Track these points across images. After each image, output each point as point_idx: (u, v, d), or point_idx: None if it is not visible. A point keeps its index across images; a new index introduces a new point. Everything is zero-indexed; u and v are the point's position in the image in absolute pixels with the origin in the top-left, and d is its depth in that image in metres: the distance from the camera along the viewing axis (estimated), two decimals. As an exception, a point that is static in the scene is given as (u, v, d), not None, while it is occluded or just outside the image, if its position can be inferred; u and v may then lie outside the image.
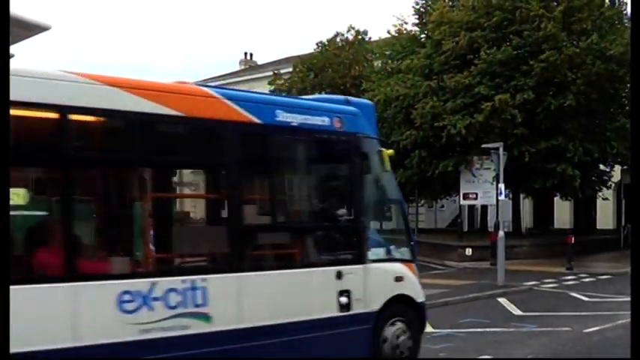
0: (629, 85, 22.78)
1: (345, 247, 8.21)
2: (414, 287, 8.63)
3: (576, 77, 22.44)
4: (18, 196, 5.76)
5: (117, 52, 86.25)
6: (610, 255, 26.03)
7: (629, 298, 10.13)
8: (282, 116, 7.44)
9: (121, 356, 5.97)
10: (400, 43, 27.93)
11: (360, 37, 36.44)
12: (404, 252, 8.75)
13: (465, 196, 24.99)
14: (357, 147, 8.13)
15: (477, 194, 24.58)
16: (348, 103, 8.61)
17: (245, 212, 7.25)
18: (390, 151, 9.10)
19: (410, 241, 8.98)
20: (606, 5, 24.95)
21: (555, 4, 23.33)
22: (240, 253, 7.03)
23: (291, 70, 36.90)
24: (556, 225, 34.16)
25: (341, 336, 7.64)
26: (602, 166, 26.90)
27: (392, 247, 8.60)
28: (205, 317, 6.56)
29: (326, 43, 36.34)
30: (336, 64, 34.82)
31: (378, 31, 76.12)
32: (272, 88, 37.83)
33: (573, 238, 22.03)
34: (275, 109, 7.44)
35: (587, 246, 26.27)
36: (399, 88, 25.30)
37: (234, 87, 53.05)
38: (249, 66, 51.32)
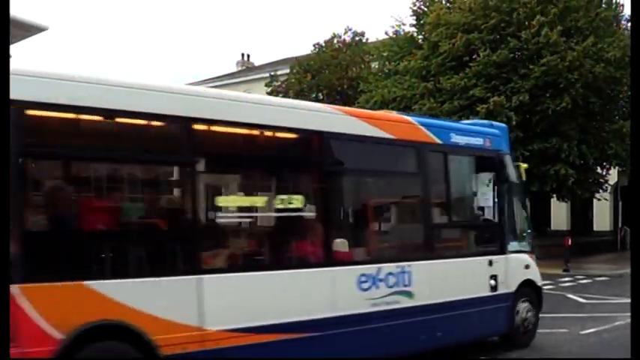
0: (627, 87, 22.88)
1: (493, 241, 10.01)
2: (536, 274, 10.54)
3: (576, 80, 22.46)
4: (297, 200, 7.55)
5: (114, 53, 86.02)
6: (607, 257, 26.11)
7: (626, 300, 10.17)
8: (454, 138, 9.40)
9: (357, 325, 7.68)
10: (397, 45, 27.93)
11: (357, 38, 36.46)
12: (527, 245, 10.60)
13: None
14: (500, 161, 10.09)
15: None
16: (491, 126, 10.52)
17: (433, 214, 9.20)
18: (525, 165, 11.62)
19: (530, 236, 10.87)
20: (603, 6, 24.99)
21: (552, 6, 23.32)
22: (431, 245, 9.03)
23: (288, 71, 36.90)
24: (553, 227, 34.23)
25: (490, 311, 9.52)
26: (598, 169, 26.89)
27: (520, 241, 10.46)
28: (409, 294, 8.36)
29: (323, 44, 36.36)
30: (334, 65, 34.81)
31: (376, 32, 76.23)
32: (269, 89, 37.83)
33: (570, 240, 22.07)
34: (450, 132, 9.42)
35: (584, 248, 26.33)
36: (397, 90, 25.31)
37: (231, 88, 53.07)
38: (246, 67, 51.34)
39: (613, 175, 28.96)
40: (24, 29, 15.62)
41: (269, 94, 39.04)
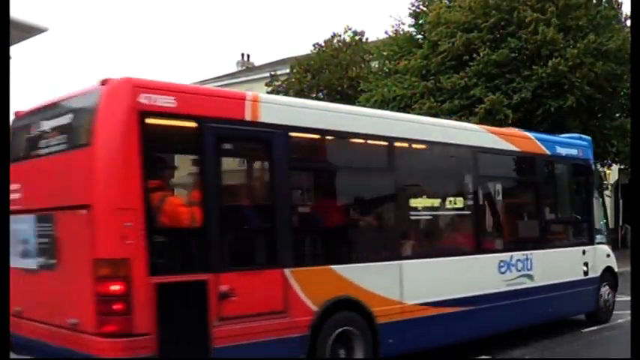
0: (627, 83, 22.84)
1: (584, 234, 12.07)
2: (613, 261, 12.59)
3: (580, 82, 22.37)
4: (458, 202, 9.61)
5: (113, 53, 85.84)
6: (607, 255, 25.97)
7: (627, 298, 10.19)
8: (558, 149, 11.45)
9: (499, 301, 9.60)
10: (397, 44, 27.91)
11: (357, 37, 36.43)
12: (604, 237, 12.64)
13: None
14: (588, 167, 12.26)
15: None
16: (580, 139, 12.60)
17: (546, 212, 11.42)
18: (609, 171, 14.01)
19: (606, 229, 13.06)
20: (603, 5, 24.94)
21: (551, 4, 23.26)
22: (545, 237, 11.12)
23: (288, 71, 36.88)
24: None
25: (583, 292, 11.46)
26: (599, 166, 26.86)
27: (601, 235, 12.49)
28: (531, 277, 10.29)
29: (323, 44, 36.34)
30: (333, 65, 34.80)
31: (376, 31, 76.16)
32: (269, 89, 37.77)
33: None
34: (555, 145, 11.46)
35: (585, 245, 26.18)
36: (397, 89, 25.28)
37: (232, 88, 52.68)
38: (246, 67, 51.32)
39: (613, 173, 28.92)
40: (24, 30, 15.62)
41: (269, 93, 38.96)
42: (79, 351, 6.32)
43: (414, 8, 27.62)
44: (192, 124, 6.79)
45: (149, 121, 6.38)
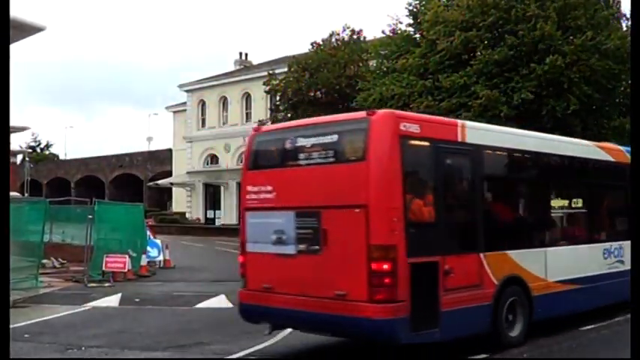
0: (625, 82, 22.80)
1: None
2: None
3: (578, 79, 22.33)
4: (579, 203, 12.74)
5: (112, 52, 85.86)
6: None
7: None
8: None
9: (602, 281, 12.11)
10: (395, 43, 27.87)
11: (355, 36, 36.42)
12: None
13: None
14: None
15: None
16: None
17: (626, 210, 13.08)
18: None
19: None
20: (601, 5, 24.93)
21: (551, 1, 23.26)
22: (624, 231, 12.65)
23: (286, 70, 36.86)
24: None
25: None
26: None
27: None
28: (622, 262, 12.59)
29: (321, 42, 36.31)
30: (332, 64, 34.81)
31: (373, 30, 76.20)
32: (267, 88, 37.72)
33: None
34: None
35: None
36: (395, 88, 25.25)
37: (230, 87, 52.55)
38: (244, 66, 51.34)
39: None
40: (22, 30, 15.58)
41: (267, 92, 38.93)
42: (346, 315, 8.53)
43: (411, 7, 27.60)
44: (429, 144, 9.28)
45: (405, 142, 8.78)
